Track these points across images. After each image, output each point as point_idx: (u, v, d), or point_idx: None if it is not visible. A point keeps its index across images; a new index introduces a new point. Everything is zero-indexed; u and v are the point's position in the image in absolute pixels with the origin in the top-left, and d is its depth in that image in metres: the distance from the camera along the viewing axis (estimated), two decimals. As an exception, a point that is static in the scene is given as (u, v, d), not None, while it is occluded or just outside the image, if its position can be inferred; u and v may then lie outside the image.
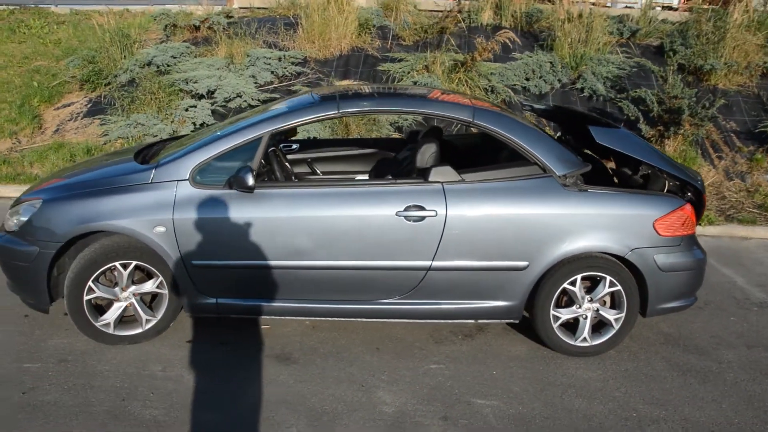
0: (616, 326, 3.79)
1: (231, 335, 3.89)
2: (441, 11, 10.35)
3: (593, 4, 9.64)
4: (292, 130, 4.32)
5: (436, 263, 3.60)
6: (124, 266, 3.60)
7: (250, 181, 3.37)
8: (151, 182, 3.56)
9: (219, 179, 3.56)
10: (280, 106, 4.00)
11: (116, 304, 3.69)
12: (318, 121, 3.67)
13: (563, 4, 8.84)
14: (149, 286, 3.68)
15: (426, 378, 3.54)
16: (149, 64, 8.59)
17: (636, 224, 3.66)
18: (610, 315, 3.78)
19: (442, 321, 3.90)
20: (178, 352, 3.68)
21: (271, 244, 3.53)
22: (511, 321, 3.82)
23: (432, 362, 3.70)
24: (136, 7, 11.23)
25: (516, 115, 4.11)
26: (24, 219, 3.63)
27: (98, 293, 3.62)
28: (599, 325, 3.85)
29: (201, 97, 8.04)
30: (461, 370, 3.63)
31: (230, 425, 3.06)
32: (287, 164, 4.45)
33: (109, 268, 3.61)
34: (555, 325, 3.77)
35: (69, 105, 8.54)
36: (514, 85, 8.35)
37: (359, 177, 4.60)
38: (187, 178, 3.54)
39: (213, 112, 7.91)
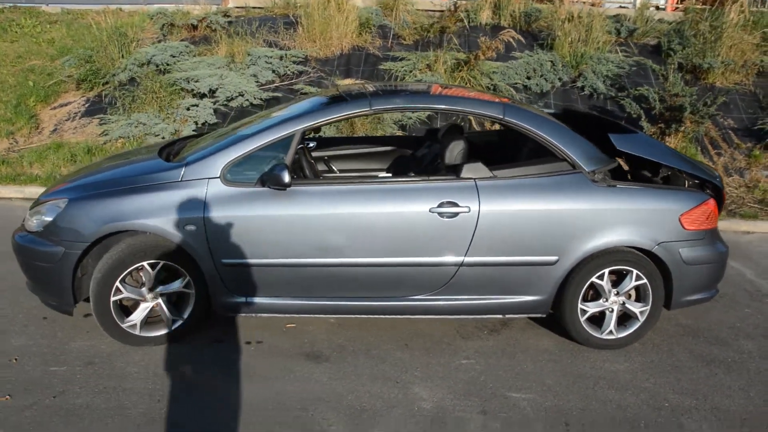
0: (642, 319, 3.82)
1: (257, 335, 3.87)
2: (438, 10, 10.38)
3: (592, 4, 9.73)
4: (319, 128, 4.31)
5: (468, 259, 3.61)
6: (152, 266, 3.56)
7: (287, 178, 3.35)
8: (181, 180, 3.52)
9: (250, 177, 3.54)
10: (304, 105, 3.98)
11: (143, 305, 3.64)
12: (350, 118, 3.67)
13: (564, 4, 8.90)
14: (176, 285, 3.64)
15: (459, 373, 3.55)
16: (148, 63, 8.50)
17: (662, 219, 3.70)
18: (635, 308, 3.81)
19: (471, 317, 3.90)
20: (207, 353, 3.65)
21: (303, 241, 3.51)
22: (538, 315, 3.84)
23: (462, 357, 3.71)
24: (129, 6, 11.11)
25: (542, 112, 4.13)
26: (48, 219, 3.58)
27: (125, 294, 3.58)
28: (624, 318, 3.88)
29: (202, 96, 7.98)
30: (492, 364, 3.65)
31: (272, 424, 3.04)
32: (313, 162, 4.43)
33: (136, 268, 3.56)
34: (582, 319, 3.79)
35: (66, 104, 8.43)
36: (516, 83, 8.40)
37: (382, 174, 4.59)
38: (218, 176, 3.51)
39: (215, 111, 7.85)
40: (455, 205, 3.55)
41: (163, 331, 3.69)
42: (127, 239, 3.55)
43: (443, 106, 3.84)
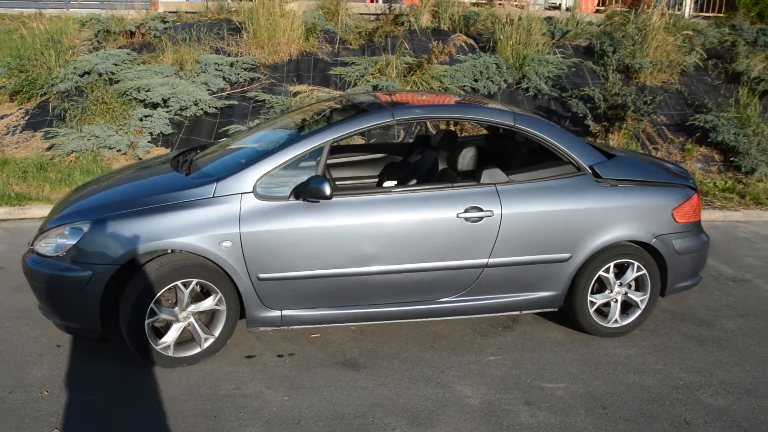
0: (642, 307, 4.18)
1: (286, 347, 3.90)
2: (374, 14, 10.56)
3: (521, 7, 10.23)
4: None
5: (492, 260, 3.81)
6: (185, 285, 3.52)
7: (328, 190, 3.41)
8: (213, 196, 3.50)
9: (282, 190, 3.57)
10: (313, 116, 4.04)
11: (175, 325, 3.59)
12: (374, 128, 3.77)
13: (504, 7, 9.32)
14: (209, 303, 3.61)
15: (491, 369, 3.74)
16: (90, 72, 8.14)
17: (658, 214, 4.06)
18: (636, 297, 4.16)
19: (492, 315, 4.11)
20: (243, 369, 3.65)
21: (338, 252, 3.59)
22: (551, 310, 4.11)
23: (488, 354, 3.91)
24: (50, 11, 10.54)
25: (545, 119, 4.40)
26: (70, 242, 3.45)
27: (160, 315, 3.51)
28: (625, 307, 4.22)
29: (155, 106, 7.75)
30: (518, 358, 3.87)
31: (334, 433, 3.11)
32: (329, 173, 4.49)
33: (168, 289, 3.50)
34: (591, 310, 4.09)
35: (2, 117, 7.92)
36: (464, 86, 8.73)
37: (387, 183, 4.71)
38: (250, 190, 3.51)
39: (170, 121, 7.65)
40: (480, 209, 3.74)
41: (195, 351, 3.65)
42: (159, 259, 3.49)
43: (460, 116, 4.02)
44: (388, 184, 4.40)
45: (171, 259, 3.48)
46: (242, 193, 3.51)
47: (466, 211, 3.72)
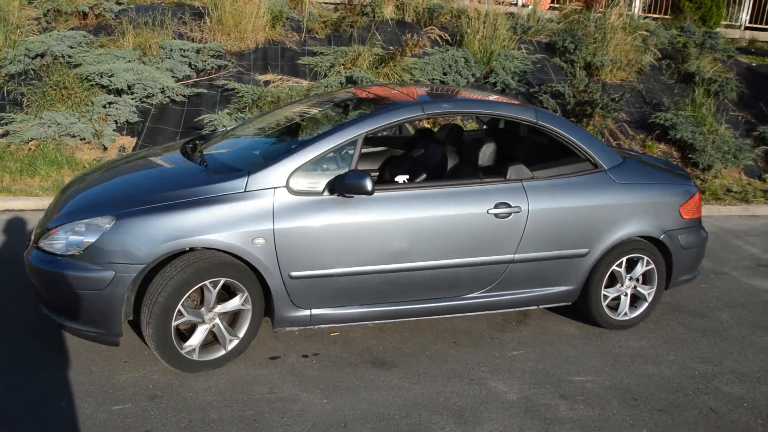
0: (649, 300, 4.32)
1: (309, 347, 3.79)
2: (332, 3, 10.40)
3: (479, 1, 10.33)
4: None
5: (518, 256, 3.83)
6: (213, 284, 3.35)
7: (370, 185, 3.32)
8: (245, 191, 3.33)
9: (315, 184, 3.45)
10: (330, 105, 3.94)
11: (201, 327, 3.41)
12: (405, 122, 3.70)
13: (472, 1, 9.38)
14: (236, 303, 3.45)
15: (518, 364, 3.77)
16: (42, 54, 7.61)
17: (667, 210, 4.21)
18: (644, 290, 4.30)
19: (506, 310, 4.13)
20: (270, 371, 3.52)
21: (371, 248, 3.51)
22: (566, 304, 4.18)
23: (511, 349, 3.94)
24: (-13, -14, 9.75)
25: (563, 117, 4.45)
26: (90, 240, 3.21)
27: (187, 317, 3.33)
28: (633, 300, 4.35)
29: (119, 92, 7.34)
30: (539, 352, 3.92)
31: (384, 435, 3.05)
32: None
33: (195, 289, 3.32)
34: (604, 304, 4.19)
35: (-56, 102, 7.28)
36: (434, 79, 8.73)
37: (399, 178, 4.62)
38: (284, 185, 3.38)
39: (136, 108, 7.27)
40: (508, 205, 3.75)
41: (220, 353, 3.48)
42: (185, 257, 3.30)
43: (486, 111, 4.02)
44: (400, 179, 4.34)
45: (199, 257, 3.29)
46: (275, 188, 3.36)
47: (495, 206, 3.72)
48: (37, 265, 3.33)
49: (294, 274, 3.42)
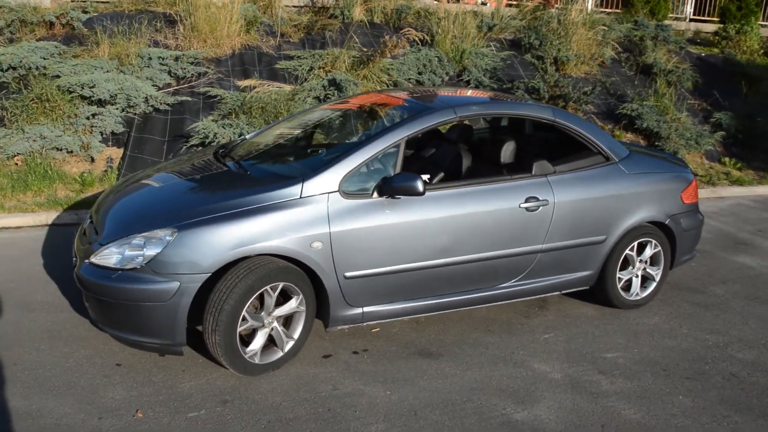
0: (657, 279, 4.66)
1: (356, 344, 3.94)
2: (297, 6, 10.47)
3: (450, 1, 10.60)
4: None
5: (545, 245, 4.10)
6: (273, 289, 3.46)
7: (421, 186, 3.49)
8: (301, 197, 3.46)
9: (364, 188, 3.60)
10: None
11: (261, 331, 3.51)
12: (441, 125, 3.90)
13: (442, 2, 9.63)
14: (293, 305, 3.57)
15: (551, 346, 4.03)
16: (15, 67, 7.41)
17: (671, 196, 4.56)
18: (653, 271, 4.64)
19: (539, 296, 4.39)
20: (327, 369, 3.65)
21: (418, 245, 3.69)
22: (585, 288, 4.47)
23: (542, 332, 4.20)
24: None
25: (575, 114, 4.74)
26: (152, 253, 3.27)
27: (250, 322, 3.43)
28: (643, 281, 4.68)
29: (101, 103, 7.23)
30: (568, 334, 4.20)
31: (458, 418, 3.23)
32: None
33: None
34: (619, 286, 4.51)
35: None
36: (410, 78, 8.94)
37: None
38: (337, 189, 3.52)
39: (122, 118, 7.19)
40: (537, 199, 4.00)
41: (278, 355, 3.60)
42: (245, 264, 3.39)
43: (510, 111, 4.27)
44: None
45: (259, 264, 3.40)
46: (329, 193, 3.50)
47: (526, 200, 3.96)
48: (93, 280, 3.36)
49: (348, 274, 3.57)
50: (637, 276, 4.60)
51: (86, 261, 3.46)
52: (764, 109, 9.87)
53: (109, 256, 3.37)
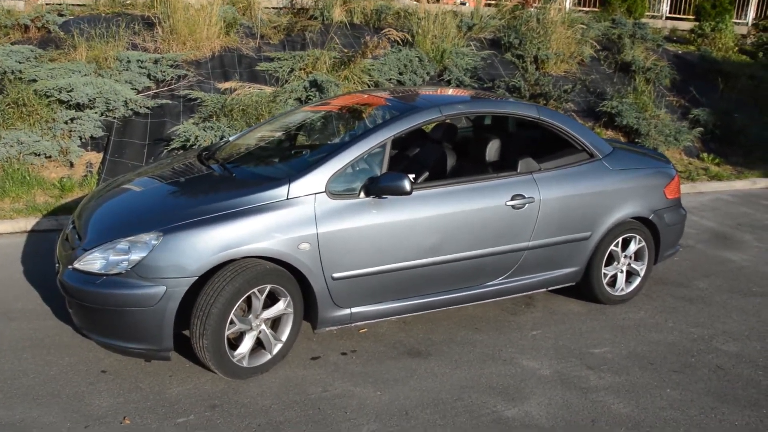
0: (642, 275, 4.70)
1: (344, 345, 3.92)
2: (275, 7, 10.43)
3: (430, 1, 10.62)
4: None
5: (532, 243, 4.11)
6: (261, 291, 3.43)
7: (408, 186, 3.48)
8: (287, 198, 3.43)
9: (350, 188, 3.59)
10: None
11: (249, 335, 3.48)
12: (426, 124, 3.89)
13: (422, 3, 9.64)
14: (281, 307, 3.54)
15: (540, 342, 4.05)
16: (-10, 71, 7.28)
17: (654, 192, 4.60)
18: (637, 266, 4.68)
19: (526, 293, 4.40)
20: (316, 371, 3.63)
21: (406, 245, 3.69)
22: (571, 284, 4.50)
23: (529, 329, 4.22)
24: None
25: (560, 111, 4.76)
26: (137, 257, 3.22)
27: (238, 325, 3.40)
28: (627, 276, 4.72)
29: (79, 107, 7.13)
30: (556, 331, 4.21)
31: (449, 417, 3.23)
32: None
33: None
34: (605, 282, 4.54)
35: None
36: (390, 79, 8.93)
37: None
38: (323, 190, 3.50)
39: (101, 122, 7.09)
40: (523, 197, 4.02)
41: (266, 358, 3.56)
42: (231, 267, 3.35)
43: (495, 110, 4.28)
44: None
45: (245, 266, 3.36)
46: (316, 193, 3.48)
47: (512, 198, 3.97)
48: (77, 286, 3.31)
49: (336, 275, 3.55)
50: (622, 271, 4.63)
51: (69, 267, 3.40)
52: (741, 105, 10.04)
53: (93, 261, 3.31)
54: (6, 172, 6.37)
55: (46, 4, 9.48)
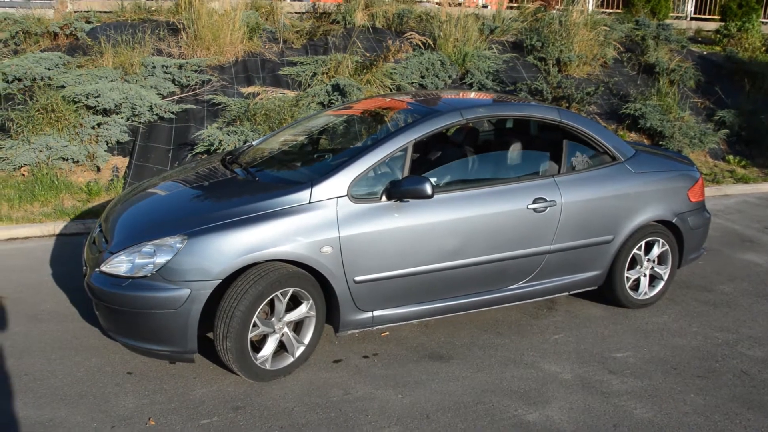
0: (665, 278, 4.66)
1: (366, 348, 3.95)
2: (298, 12, 10.52)
3: (438, 3, 10.62)
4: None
5: (554, 246, 4.10)
6: (283, 294, 3.47)
7: (430, 189, 3.50)
8: (310, 202, 3.47)
9: (372, 192, 3.62)
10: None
11: (272, 337, 3.52)
12: (447, 127, 3.91)
13: (444, 6, 9.66)
14: (303, 310, 3.58)
15: (562, 346, 4.03)
16: (20, 78, 7.46)
17: (677, 195, 4.56)
18: (661, 270, 4.64)
19: (548, 297, 4.39)
20: (338, 374, 3.66)
21: (428, 248, 3.70)
22: (593, 288, 4.47)
23: (551, 333, 4.20)
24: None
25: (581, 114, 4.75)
26: (162, 260, 3.28)
27: (261, 328, 3.44)
28: (651, 280, 4.68)
29: (106, 112, 7.27)
30: (577, 335, 4.19)
31: (471, 420, 3.24)
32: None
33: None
34: (627, 285, 4.51)
35: (-77, 132, 7.04)
36: (413, 82, 8.96)
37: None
38: (345, 194, 3.53)
39: (127, 127, 7.22)
40: (545, 200, 4.01)
41: (289, 361, 3.60)
42: (255, 270, 3.40)
43: (516, 113, 4.28)
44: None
45: (269, 269, 3.41)
46: (338, 197, 3.51)
47: (534, 201, 3.97)
48: (104, 289, 3.38)
49: (358, 278, 3.58)
50: (645, 275, 4.59)
51: (97, 270, 3.47)
52: (767, 106, 9.87)
53: (120, 264, 3.38)
54: (36, 177, 6.51)
55: (75, 12, 9.70)
